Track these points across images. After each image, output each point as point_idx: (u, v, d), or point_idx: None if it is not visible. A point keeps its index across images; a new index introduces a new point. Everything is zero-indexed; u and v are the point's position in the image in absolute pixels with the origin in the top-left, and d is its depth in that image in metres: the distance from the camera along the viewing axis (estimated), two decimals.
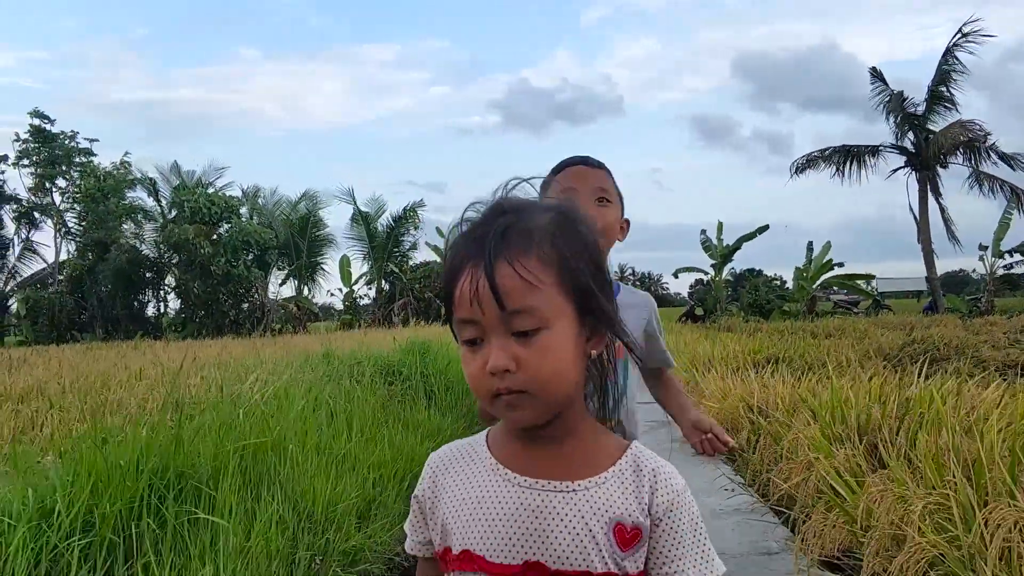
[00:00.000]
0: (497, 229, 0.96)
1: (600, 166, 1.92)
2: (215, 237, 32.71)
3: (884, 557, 2.72)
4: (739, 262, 43.29)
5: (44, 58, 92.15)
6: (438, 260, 36.10)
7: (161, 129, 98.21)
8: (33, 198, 38.77)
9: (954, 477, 2.74)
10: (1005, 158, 26.96)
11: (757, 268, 45.89)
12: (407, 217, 34.98)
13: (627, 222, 1.98)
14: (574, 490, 0.98)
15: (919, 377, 5.84)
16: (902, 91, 28.91)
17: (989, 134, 27.00)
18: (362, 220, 34.69)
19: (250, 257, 33.94)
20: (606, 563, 0.95)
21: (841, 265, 31.19)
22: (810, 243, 31.27)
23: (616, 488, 0.99)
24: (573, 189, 1.85)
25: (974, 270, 29.98)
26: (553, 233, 0.97)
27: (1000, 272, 29.18)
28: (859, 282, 32.41)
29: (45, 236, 48.47)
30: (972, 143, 27.12)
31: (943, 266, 30.77)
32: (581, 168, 1.90)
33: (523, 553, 0.95)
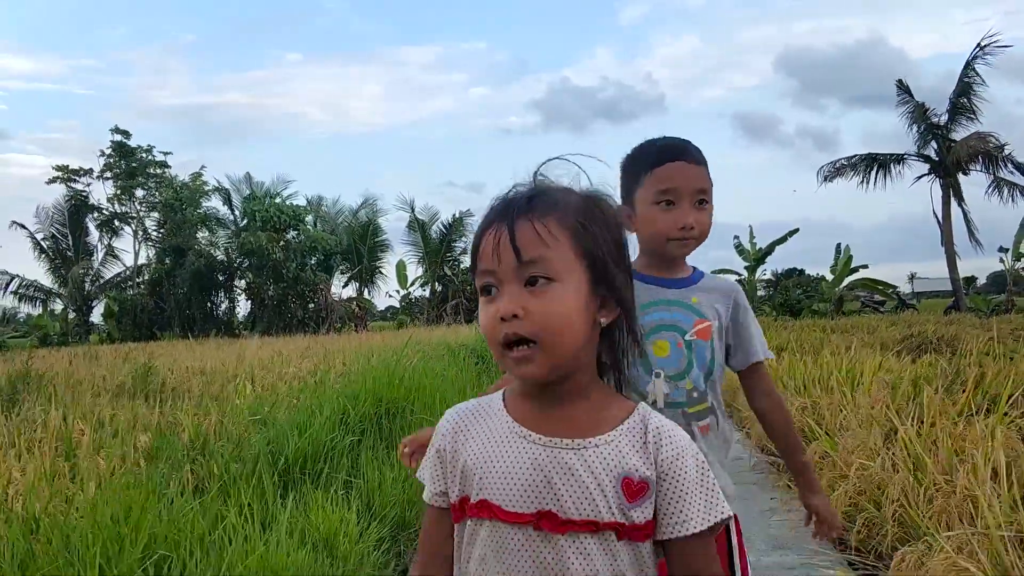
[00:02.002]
0: (523, 195, 1.10)
1: (701, 161, 1.77)
2: (282, 243, 35.76)
3: None
4: (782, 261, 44.82)
5: (94, 65, 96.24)
6: None
7: (208, 133, 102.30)
8: (114, 207, 42.32)
9: (830, 390, 5.21)
10: (1020, 167, 28.59)
11: (799, 268, 46.95)
12: (458, 225, 37.76)
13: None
14: (584, 447, 1.07)
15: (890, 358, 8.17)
16: (924, 102, 30.65)
17: (1006, 144, 28.65)
18: (418, 227, 37.54)
19: (313, 261, 36.99)
20: (612, 513, 1.05)
21: (865, 267, 33.03)
22: (838, 245, 33.16)
23: (625, 445, 1.08)
24: (675, 190, 1.73)
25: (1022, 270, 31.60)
26: (577, 206, 1.10)
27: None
28: (883, 284, 34.19)
29: (124, 242, 52.12)
30: (989, 153, 28.77)
31: (989, 267, 32.52)
32: (683, 166, 1.74)
33: (536, 503, 1.05)
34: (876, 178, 31.97)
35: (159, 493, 3.74)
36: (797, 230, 33.61)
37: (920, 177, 31.56)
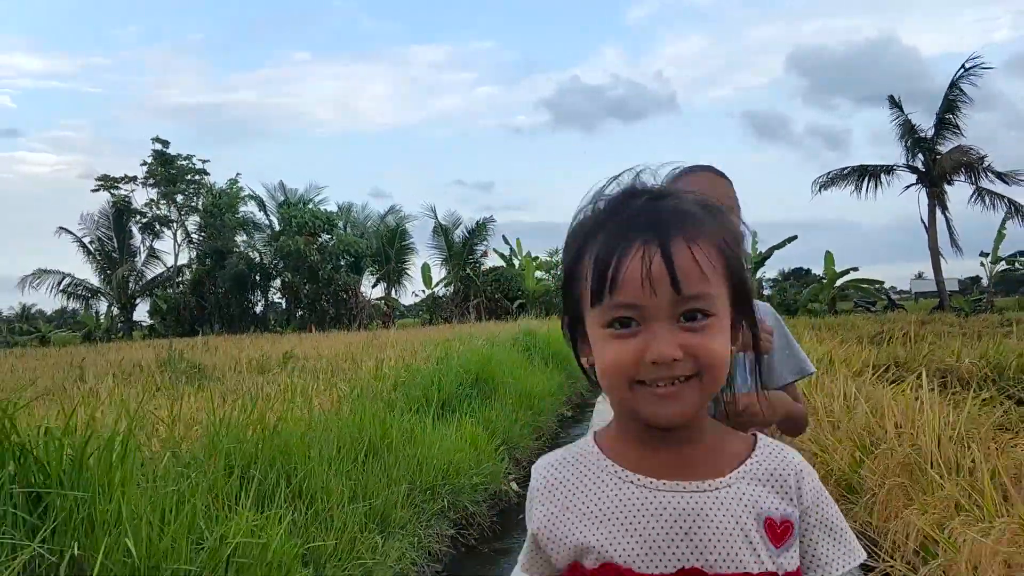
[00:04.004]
0: (668, 208, 0.93)
1: (725, 176, 1.93)
2: (317, 246, 38.64)
3: None
4: (791, 261, 47.23)
5: (105, 64, 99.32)
6: (504, 265, 41.70)
7: (218, 131, 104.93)
8: (156, 211, 45.16)
9: None
10: (1000, 176, 31.21)
11: (806, 268, 48.76)
12: (479, 230, 40.73)
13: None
14: (716, 488, 0.94)
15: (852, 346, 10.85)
16: (909, 118, 33.31)
17: (985, 156, 31.28)
18: (442, 232, 40.41)
19: (343, 263, 39.86)
20: (762, 562, 0.91)
21: (856, 269, 35.75)
22: (827, 252, 35.93)
23: (758, 481, 0.96)
24: None
25: None
26: (717, 222, 0.95)
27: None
28: (872, 284, 36.88)
29: (164, 243, 54.95)
30: (971, 164, 31.37)
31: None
32: (709, 175, 1.89)
33: (676, 560, 0.91)
34: (868, 187, 34.65)
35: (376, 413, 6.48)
36: (795, 237, 36.24)
37: (908, 187, 34.23)
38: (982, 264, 33.15)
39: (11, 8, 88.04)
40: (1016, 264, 33.62)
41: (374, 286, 42.38)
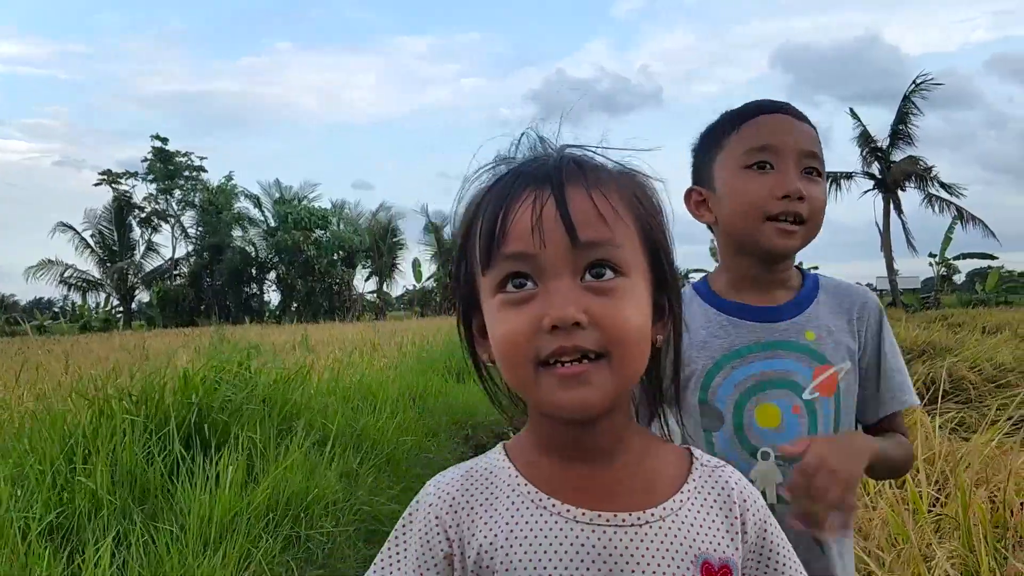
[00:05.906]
0: (567, 158, 0.79)
1: (808, 120, 1.28)
2: (312, 240, 40.94)
3: None
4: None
5: (84, 51, 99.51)
6: None
7: (199, 121, 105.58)
8: (155, 206, 47.05)
9: None
10: (944, 186, 34.18)
11: (802, 263, 51.21)
12: None
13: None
14: (647, 522, 0.78)
15: None
16: (865, 128, 36.19)
17: (933, 166, 34.19)
18: (432, 230, 42.87)
19: (335, 258, 42.16)
20: None
21: (816, 268, 38.59)
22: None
23: (697, 514, 0.80)
24: (772, 148, 1.23)
25: (1002, 266, 37.84)
26: (630, 181, 0.81)
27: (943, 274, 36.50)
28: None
29: (160, 237, 56.78)
30: (919, 174, 34.26)
31: (967, 265, 37.43)
32: (783, 119, 1.25)
33: None
34: (829, 191, 37.30)
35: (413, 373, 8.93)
36: None
37: (866, 192, 37.05)
38: (930, 264, 36.06)
39: None
40: (953, 265, 36.70)
41: (367, 280, 44.80)
